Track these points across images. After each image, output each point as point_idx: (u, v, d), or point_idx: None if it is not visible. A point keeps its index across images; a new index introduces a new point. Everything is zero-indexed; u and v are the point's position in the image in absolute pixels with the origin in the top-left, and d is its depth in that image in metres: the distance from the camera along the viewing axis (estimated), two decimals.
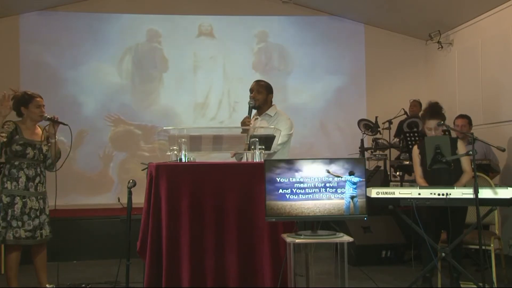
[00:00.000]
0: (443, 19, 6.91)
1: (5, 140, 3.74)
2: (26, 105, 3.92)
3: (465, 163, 4.00)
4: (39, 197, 3.90)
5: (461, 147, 3.95)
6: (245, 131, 3.85)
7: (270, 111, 4.19)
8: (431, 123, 4.01)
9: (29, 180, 3.86)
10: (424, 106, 4.47)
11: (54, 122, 3.95)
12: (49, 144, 3.99)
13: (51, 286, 4.11)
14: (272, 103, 4.26)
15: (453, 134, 4.85)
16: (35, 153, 3.90)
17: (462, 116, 5.30)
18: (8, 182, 3.81)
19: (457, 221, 3.82)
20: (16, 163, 3.84)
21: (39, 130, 4.00)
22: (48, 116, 3.93)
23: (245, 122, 4.07)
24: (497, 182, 5.49)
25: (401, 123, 6.72)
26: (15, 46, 7.13)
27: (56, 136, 3.99)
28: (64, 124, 3.96)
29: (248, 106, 4.14)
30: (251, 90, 4.23)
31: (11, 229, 3.75)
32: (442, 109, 4.09)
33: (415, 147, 4.18)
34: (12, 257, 3.84)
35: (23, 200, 3.81)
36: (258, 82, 4.30)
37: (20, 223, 3.78)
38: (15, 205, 3.78)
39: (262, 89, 4.20)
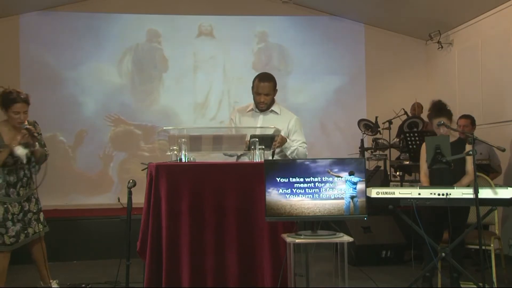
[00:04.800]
0: (443, 19, 6.91)
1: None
2: (6, 108, 3.70)
3: (469, 164, 3.99)
4: (22, 201, 3.80)
5: (469, 149, 3.93)
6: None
7: (275, 108, 3.92)
8: (438, 121, 4.01)
9: (9, 187, 3.75)
10: (425, 106, 4.47)
11: (30, 134, 3.70)
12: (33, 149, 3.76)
13: (55, 281, 4.10)
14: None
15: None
16: (17, 159, 3.71)
17: (465, 117, 5.34)
18: None
19: (459, 221, 3.82)
20: None
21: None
22: (26, 126, 3.69)
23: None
24: (500, 183, 5.48)
25: (402, 124, 6.71)
26: (15, 46, 7.12)
27: (37, 144, 3.76)
28: (37, 140, 3.74)
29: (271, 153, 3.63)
30: (258, 93, 3.80)
31: None
32: (447, 105, 4.10)
33: (424, 144, 4.16)
34: None
35: (4, 206, 3.72)
36: (269, 82, 3.80)
37: (3, 230, 3.71)
38: None
39: (272, 91, 3.83)
